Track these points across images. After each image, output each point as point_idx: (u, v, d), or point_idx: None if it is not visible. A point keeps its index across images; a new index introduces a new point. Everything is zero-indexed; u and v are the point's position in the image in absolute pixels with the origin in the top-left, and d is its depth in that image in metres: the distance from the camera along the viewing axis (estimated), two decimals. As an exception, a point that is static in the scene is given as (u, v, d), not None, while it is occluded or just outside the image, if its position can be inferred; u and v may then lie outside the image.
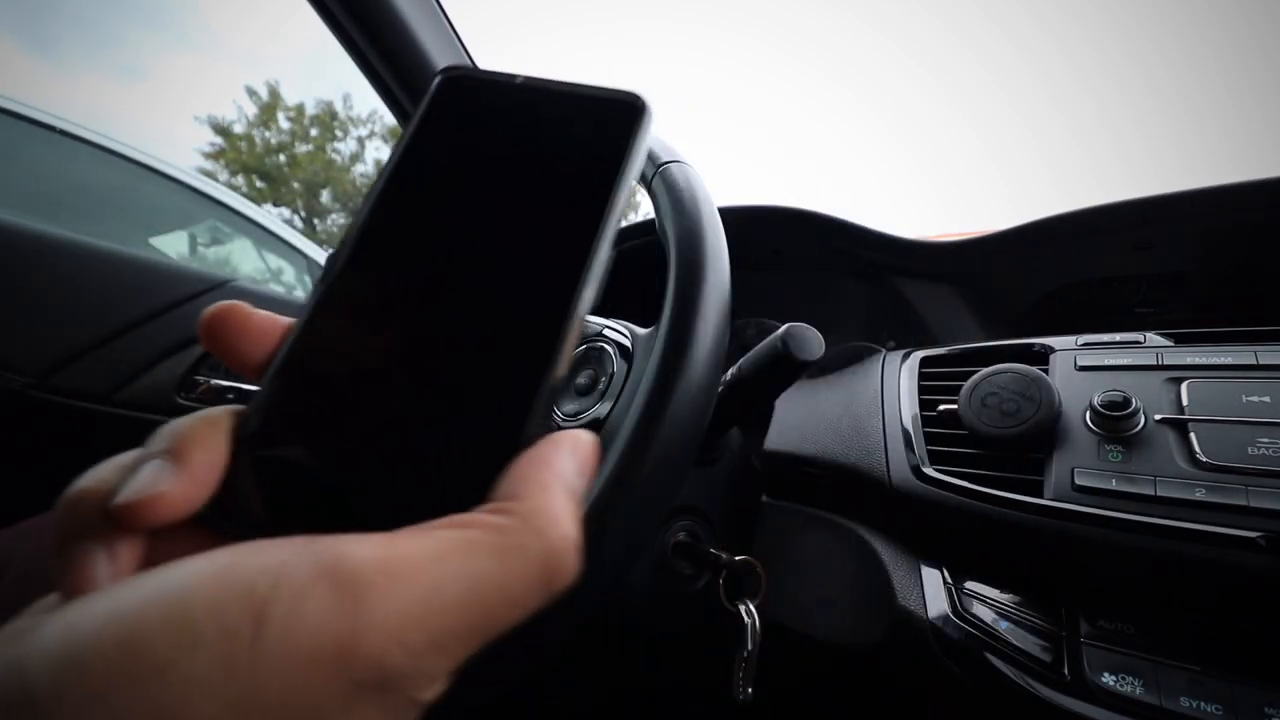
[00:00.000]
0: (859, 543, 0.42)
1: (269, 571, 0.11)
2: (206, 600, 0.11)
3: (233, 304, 0.16)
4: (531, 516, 0.14)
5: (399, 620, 0.11)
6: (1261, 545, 0.28)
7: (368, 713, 0.11)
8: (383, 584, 0.12)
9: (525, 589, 0.14)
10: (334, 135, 11.22)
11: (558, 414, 0.39)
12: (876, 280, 0.70)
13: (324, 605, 0.11)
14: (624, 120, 0.19)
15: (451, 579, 0.12)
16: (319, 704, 0.11)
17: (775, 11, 29.95)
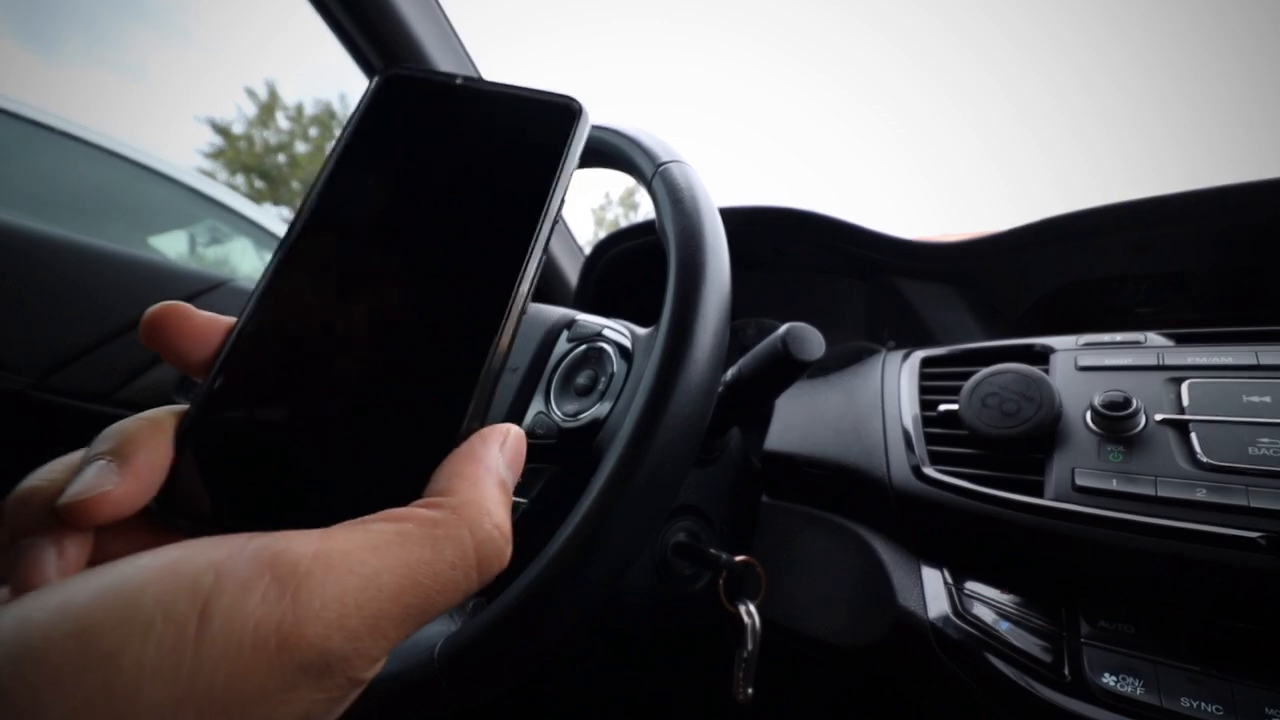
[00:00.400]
0: (859, 543, 0.42)
1: (213, 566, 0.12)
2: (155, 593, 0.11)
3: (173, 305, 0.16)
4: (463, 509, 0.15)
5: (337, 608, 0.12)
6: (1262, 545, 0.28)
7: (310, 694, 0.12)
8: (320, 575, 0.12)
9: (458, 576, 0.15)
10: (333, 135, 11.20)
11: (557, 414, 0.39)
12: (876, 280, 0.70)
13: (265, 596, 0.12)
14: (561, 122, 0.19)
15: (387, 569, 0.13)
16: (263, 687, 0.12)
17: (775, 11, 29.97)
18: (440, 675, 0.25)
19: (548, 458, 0.38)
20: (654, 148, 0.33)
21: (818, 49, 33.58)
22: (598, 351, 0.40)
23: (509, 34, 31.46)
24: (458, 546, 0.14)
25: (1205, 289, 0.55)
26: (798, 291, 0.77)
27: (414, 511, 0.14)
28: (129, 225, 1.35)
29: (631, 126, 0.35)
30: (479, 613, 0.28)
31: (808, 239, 0.69)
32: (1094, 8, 22.11)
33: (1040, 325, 0.64)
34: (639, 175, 0.34)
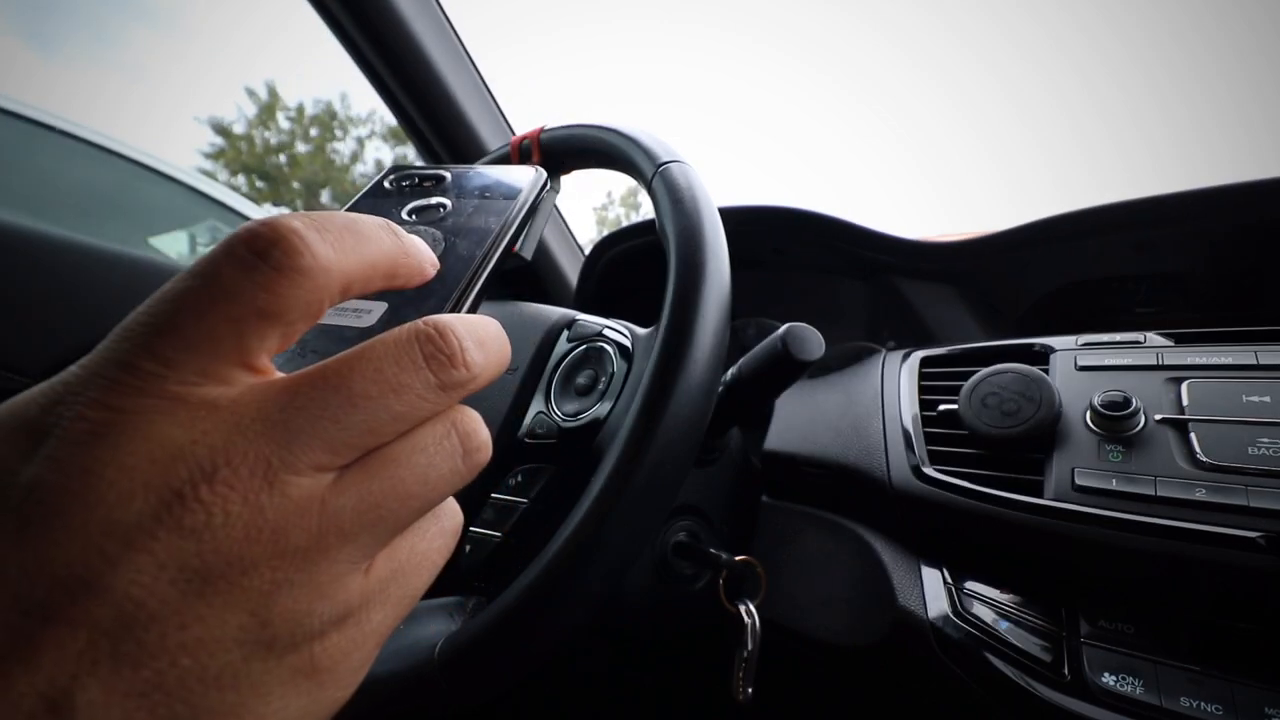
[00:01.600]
0: (859, 543, 0.42)
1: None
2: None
3: None
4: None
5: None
6: (1261, 545, 0.28)
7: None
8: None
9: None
10: (333, 135, 11.23)
11: (557, 414, 0.39)
12: (876, 280, 0.70)
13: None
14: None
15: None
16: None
17: (775, 11, 29.97)
18: (440, 675, 0.25)
19: (548, 457, 0.38)
20: (654, 148, 0.33)
21: (818, 49, 33.54)
22: (598, 351, 0.40)
23: (509, 34, 31.45)
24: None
25: (1205, 289, 0.55)
26: (798, 291, 0.77)
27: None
28: (129, 225, 1.35)
29: (631, 126, 0.36)
30: (479, 613, 0.28)
31: (808, 239, 0.69)
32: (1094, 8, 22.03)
33: (1040, 325, 0.64)
34: (639, 175, 0.34)
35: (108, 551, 0.11)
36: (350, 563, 0.14)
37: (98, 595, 0.11)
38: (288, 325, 0.14)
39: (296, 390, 0.13)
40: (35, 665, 0.11)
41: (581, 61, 23.75)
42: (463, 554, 0.37)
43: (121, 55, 17.21)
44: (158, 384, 0.12)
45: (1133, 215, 0.53)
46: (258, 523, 0.12)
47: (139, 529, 0.11)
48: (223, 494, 0.12)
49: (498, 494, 0.38)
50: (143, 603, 0.11)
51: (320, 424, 0.13)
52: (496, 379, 0.16)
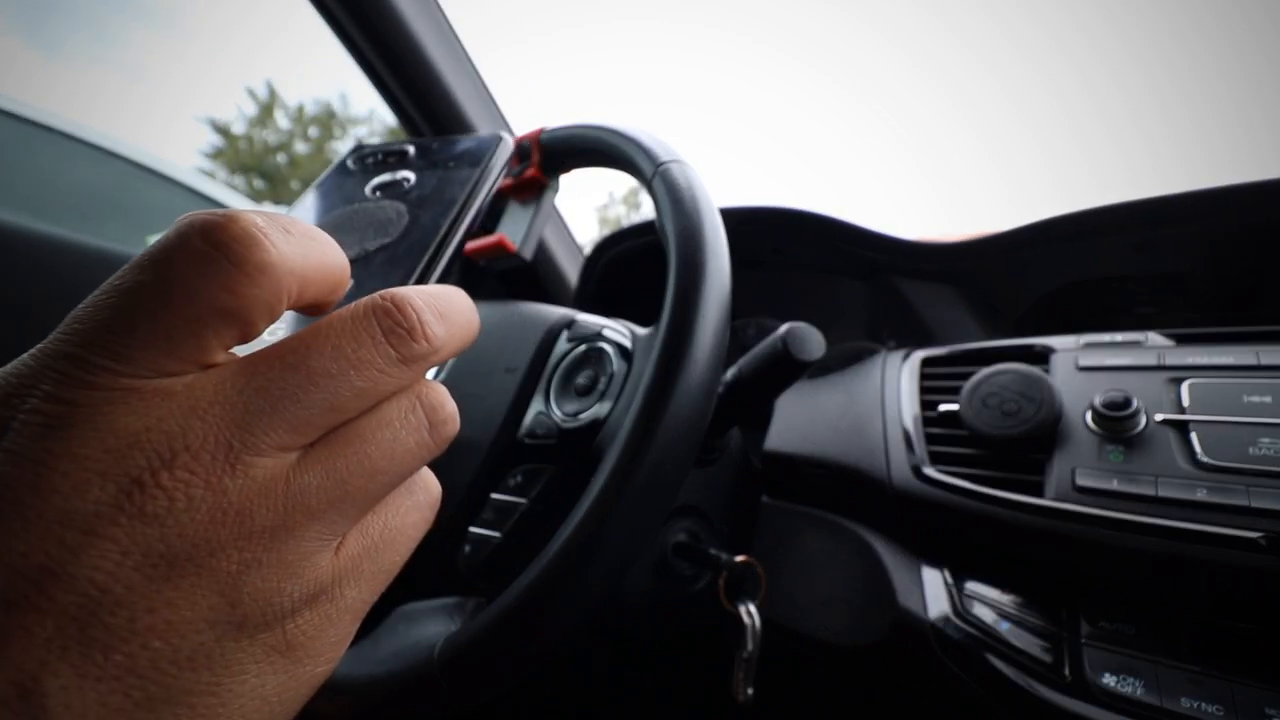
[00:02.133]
0: (859, 543, 0.42)
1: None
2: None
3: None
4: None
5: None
6: (1262, 546, 0.28)
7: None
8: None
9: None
10: (332, 134, 11.23)
11: (557, 414, 0.39)
12: (876, 280, 0.70)
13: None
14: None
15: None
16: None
17: (775, 11, 29.96)
18: (440, 675, 0.25)
19: (548, 457, 0.37)
20: (654, 148, 0.33)
21: (818, 49, 33.49)
22: (598, 351, 0.40)
23: (509, 34, 31.43)
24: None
25: (1205, 289, 0.55)
26: (798, 291, 0.77)
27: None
28: (129, 225, 1.35)
29: (631, 126, 0.35)
30: (479, 613, 0.28)
31: (808, 239, 0.69)
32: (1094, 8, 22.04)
33: (1040, 325, 0.63)
34: (639, 175, 0.34)
35: (67, 540, 0.11)
36: (319, 540, 0.14)
37: (62, 582, 0.11)
38: (247, 325, 0.13)
39: (254, 371, 0.13)
40: (2, 654, 0.11)
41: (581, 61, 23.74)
42: (462, 554, 0.37)
43: (122, 56, 17.21)
44: (110, 378, 0.12)
45: (1133, 215, 0.53)
46: (221, 505, 0.12)
47: (98, 517, 0.11)
48: (184, 479, 0.12)
49: (497, 494, 0.38)
50: (108, 588, 0.11)
51: (280, 403, 0.13)
52: (463, 351, 0.17)
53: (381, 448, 0.14)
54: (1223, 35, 16.96)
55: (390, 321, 0.14)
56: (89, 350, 0.12)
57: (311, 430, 0.13)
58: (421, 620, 0.29)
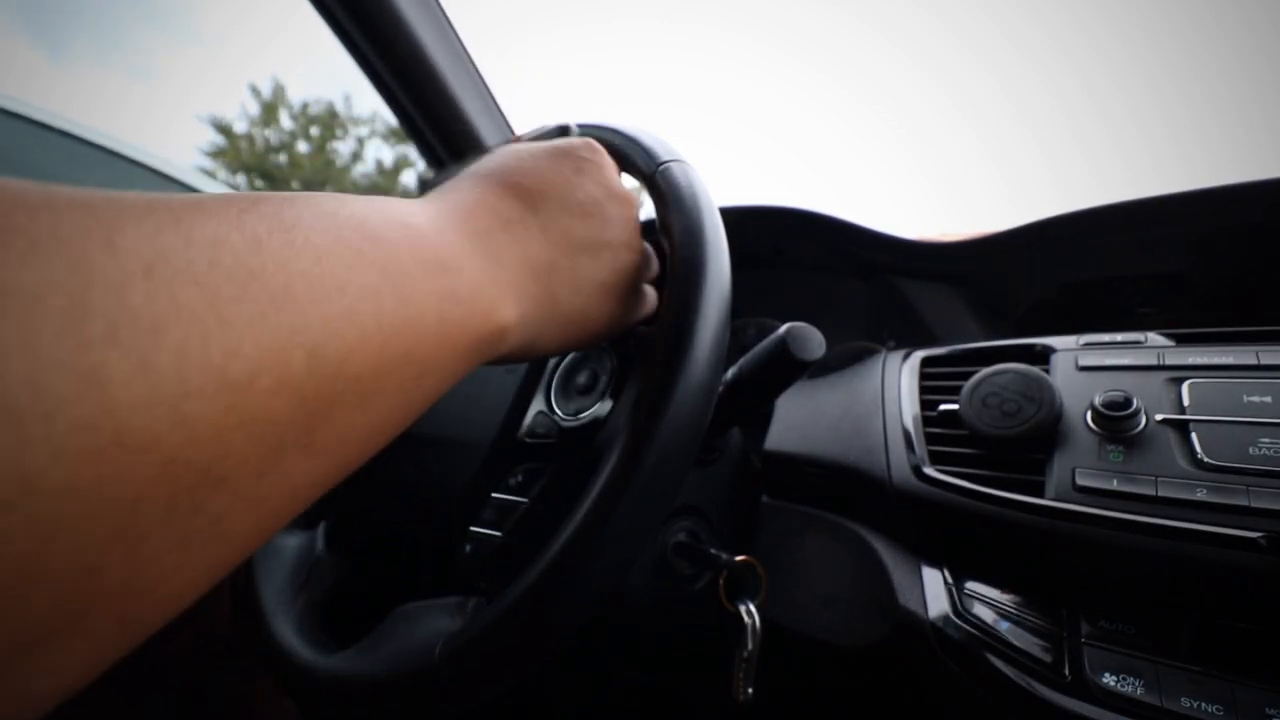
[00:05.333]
0: (859, 543, 0.42)
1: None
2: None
3: None
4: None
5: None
6: (1262, 545, 0.28)
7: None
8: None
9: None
10: (334, 135, 11.22)
11: (558, 413, 0.39)
12: (876, 280, 0.70)
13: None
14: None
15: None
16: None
17: (775, 11, 29.90)
18: (441, 675, 0.25)
19: (548, 457, 0.38)
20: (654, 147, 0.33)
21: (818, 49, 33.48)
22: (598, 351, 0.40)
23: (509, 34, 31.45)
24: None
25: (1205, 289, 0.55)
26: (798, 291, 0.77)
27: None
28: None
29: (631, 126, 0.35)
30: (480, 612, 0.28)
31: (808, 238, 0.69)
32: (1094, 7, 22.14)
33: (1040, 325, 0.64)
34: (639, 174, 0.34)
35: (605, 203, 0.29)
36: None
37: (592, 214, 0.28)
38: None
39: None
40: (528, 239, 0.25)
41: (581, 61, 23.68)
42: (463, 553, 0.37)
43: (125, 56, 17.21)
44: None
45: (1133, 216, 0.53)
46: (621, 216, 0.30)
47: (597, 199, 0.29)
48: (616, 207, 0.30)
49: (498, 493, 0.38)
50: (594, 211, 0.28)
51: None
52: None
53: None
54: (1223, 35, 16.76)
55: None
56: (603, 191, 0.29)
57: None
58: (422, 619, 0.29)
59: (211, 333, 0.12)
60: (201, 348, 0.12)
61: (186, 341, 0.12)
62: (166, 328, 0.12)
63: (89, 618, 0.11)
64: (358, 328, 0.15)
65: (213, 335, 0.12)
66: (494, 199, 0.25)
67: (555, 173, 0.27)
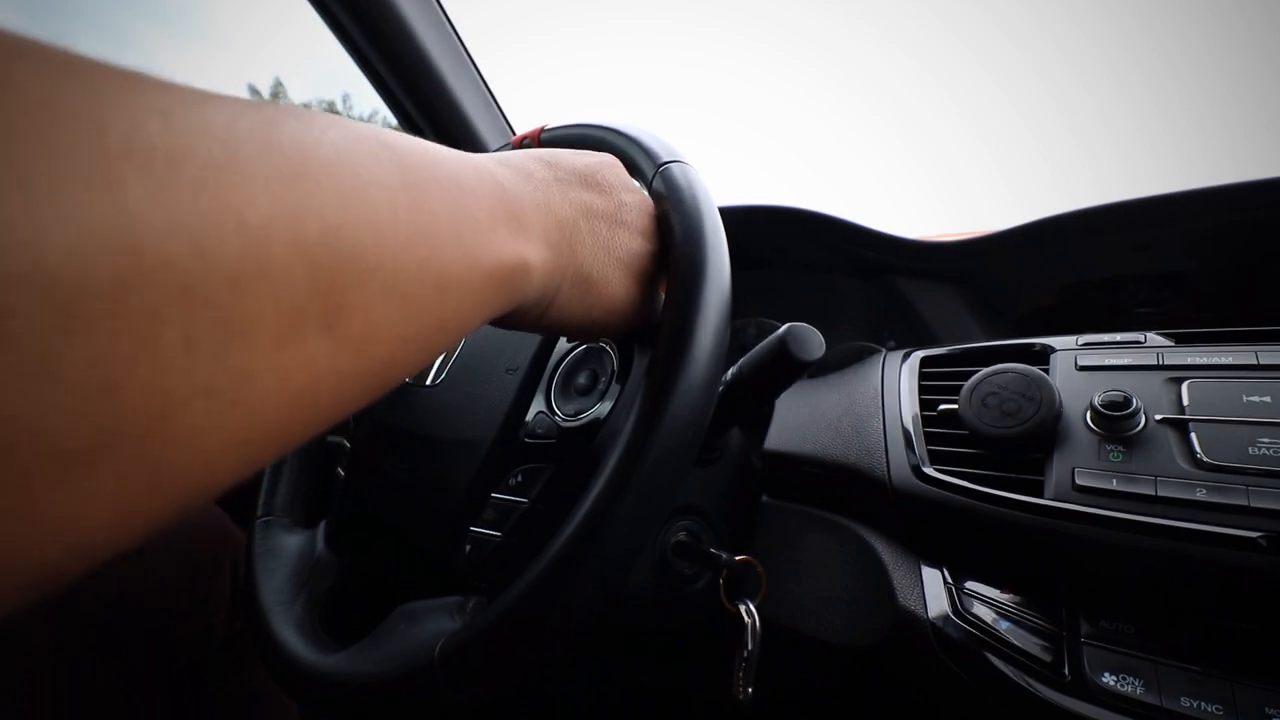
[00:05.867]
0: (859, 543, 0.42)
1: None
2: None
3: None
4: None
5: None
6: (1262, 545, 0.28)
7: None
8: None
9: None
10: (334, 135, 11.20)
11: (558, 413, 0.39)
12: (877, 280, 0.70)
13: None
14: None
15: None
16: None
17: (775, 11, 29.80)
18: (440, 675, 0.25)
19: (548, 457, 0.38)
20: (654, 147, 0.33)
21: (818, 49, 33.40)
22: (598, 351, 0.40)
23: (509, 34, 31.45)
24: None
25: (1205, 289, 0.55)
26: (798, 291, 0.77)
27: None
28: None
29: (632, 126, 0.36)
30: (480, 612, 0.28)
31: (809, 238, 0.69)
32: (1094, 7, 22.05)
33: (1040, 325, 0.64)
34: (639, 175, 0.34)
35: (625, 201, 0.30)
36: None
37: (617, 211, 0.29)
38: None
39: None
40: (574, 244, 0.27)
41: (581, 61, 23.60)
42: (463, 554, 0.37)
43: (126, 55, 17.18)
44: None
45: (1132, 215, 0.53)
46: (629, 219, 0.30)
47: (619, 205, 0.30)
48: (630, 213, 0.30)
49: (498, 494, 0.38)
50: (620, 216, 0.29)
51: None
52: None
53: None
54: (1223, 35, 16.69)
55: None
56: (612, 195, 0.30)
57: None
58: (422, 619, 0.29)
59: (228, 178, 0.13)
60: (217, 189, 0.12)
61: (203, 179, 0.12)
62: (183, 162, 0.12)
63: (113, 450, 0.11)
64: (371, 218, 0.16)
65: (228, 180, 0.13)
66: (517, 159, 0.26)
67: (579, 159, 0.29)
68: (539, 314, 0.26)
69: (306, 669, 0.32)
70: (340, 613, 0.41)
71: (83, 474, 0.11)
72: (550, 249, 0.25)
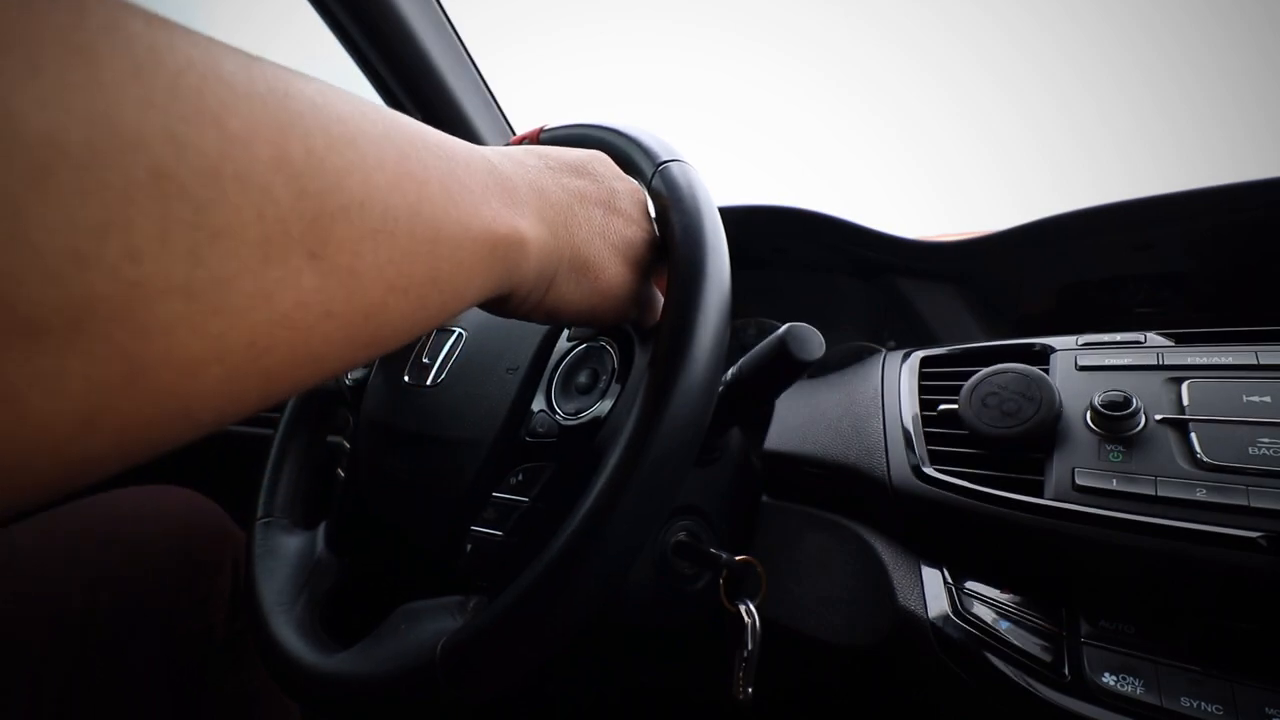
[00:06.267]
0: (859, 543, 0.42)
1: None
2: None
3: None
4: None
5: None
6: (1262, 545, 0.28)
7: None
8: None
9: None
10: (334, 135, 11.21)
11: (558, 412, 0.39)
12: (877, 280, 0.70)
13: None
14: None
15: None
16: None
17: (775, 11, 29.91)
18: (441, 674, 0.25)
19: (549, 457, 0.38)
20: (654, 147, 0.33)
21: (818, 49, 33.46)
22: (598, 350, 0.40)
23: (509, 34, 31.34)
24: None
25: (1205, 289, 0.55)
26: (798, 291, 0.77)
27: None
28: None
29: (632, 125, 0.36)
30: (481, 611, 0.28)
31: (809, 238, 0.69)
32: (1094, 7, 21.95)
33: (1040, 325, 0.64)
34: (639, 174, 0.34)
35: (616, 188, 0.30)
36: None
37: (613, 200, 0.30)
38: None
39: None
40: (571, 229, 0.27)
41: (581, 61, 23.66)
42: (464, 553, 0.37)
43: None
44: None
45: (1132, 215, 0.53)
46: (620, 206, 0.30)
47: (614, 191, 0.30)
48: (625, 202, 0.30)
49: (499, 493, 0.38)
50: (616, 204, 0.30)
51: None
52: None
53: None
54: (1223, 35, 16.89)
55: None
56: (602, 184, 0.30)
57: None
58: (423, 619, 0.29)
59: (208, 82, 0.12)
60: (198, 87, 0.12)
61: (182, 75, 0.12)
62: (164, 54, 0.12)
63: (81, 329, 0.11)
64: (358, 157, 0.15)
65: (209, 84, 0.12)
66: (505, 149, 0.26)
67: (569, 152, 0.29)
68: (538, 298, 0.26)
69: (307, 669, 0.32)
70: (340, 613, 0.41)
71: (50, 350, 0.10)
72: (546, 228, 0.25)
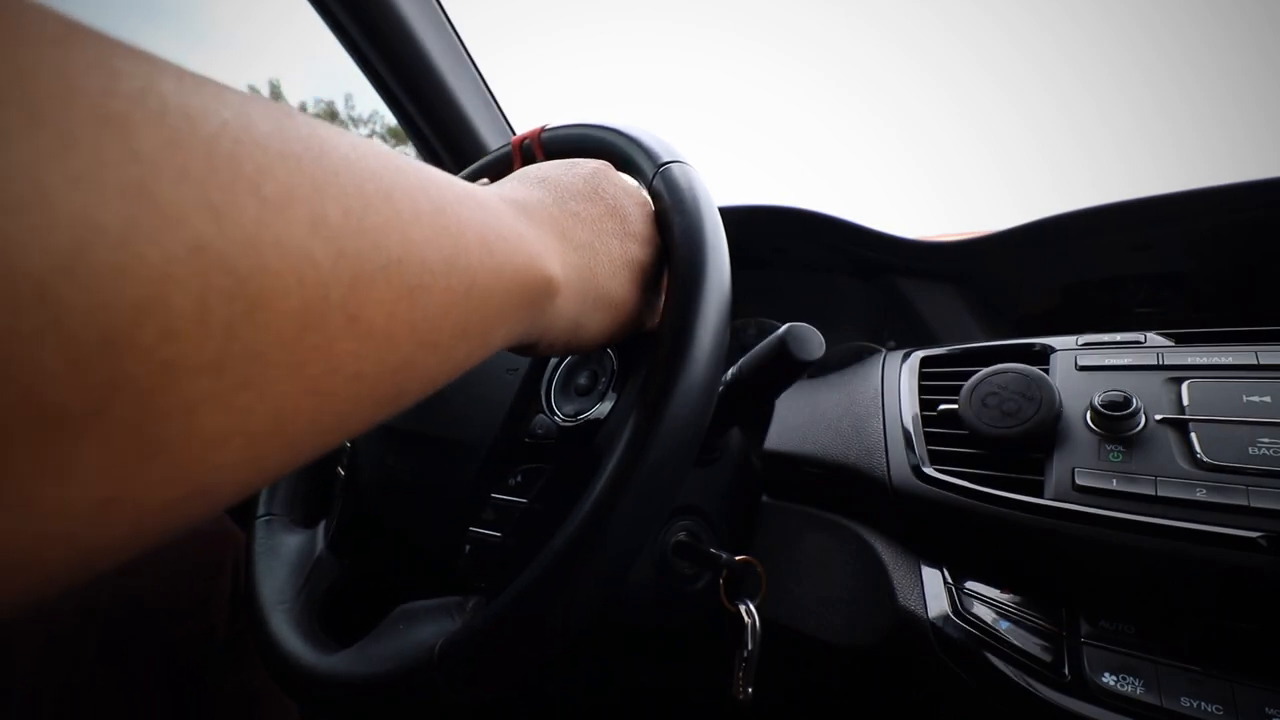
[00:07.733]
0: (859, 543, 0.42)
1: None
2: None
3: None
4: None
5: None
6: (1262, 545, 0.28)
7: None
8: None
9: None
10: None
11: (558, 414, 0.39)
12: (877, 280, 0.70)
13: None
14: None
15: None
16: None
17: (775, 11, 29.65)
18: (440, 675, 0.25)
19: (548, 458, 0.38)
20: (655, 148, 0.33)
21: (818, 49, 33.41)
22: (598, 352, 0.40)
23: (510, 34, 31.42)
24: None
25: (1205, 289, 0.55)
26: (798, 291, 0.77)
27: None
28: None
29: (632, 126, 0.36)
30: (479, 612, 0.28)
31: (809, 238, 0.69)
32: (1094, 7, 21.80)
33: (1040, 325, 0.64)
34: (640, 175, 0.34)
35: (627, 208, 0.30)
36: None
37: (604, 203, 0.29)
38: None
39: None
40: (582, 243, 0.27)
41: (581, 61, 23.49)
42: (463, 554, 0.37)
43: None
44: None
45: (1132, 215, 0.53)
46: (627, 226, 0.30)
47: (623, 201, 0.30)
48: (634, 221, 0.30)
49: (498, 494, 0.38)
50: (625, 214, 0.30)
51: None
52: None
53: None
54: (1223, 35, 16.57)
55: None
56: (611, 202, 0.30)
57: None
58: (422, 619, 0.29)
59: (243, 145, 0.12)
60: (233, 152, 0.12)
61: (217, 140, 0.12)
62: (197, 122, 0.11)
63: (104, 415, 0.10)
64: (394, 211, 0.15)
65: (244, 148, 0.12)
66: (509, 189, 0.26)
67: (574, 176, 0.29)
68: (566, 340, 0.26)
69: (306, 669, 0.32)
70: (340, 613, 0.41)
71: (68, 440, 0.10)
72: (572, 270, 0.25)
